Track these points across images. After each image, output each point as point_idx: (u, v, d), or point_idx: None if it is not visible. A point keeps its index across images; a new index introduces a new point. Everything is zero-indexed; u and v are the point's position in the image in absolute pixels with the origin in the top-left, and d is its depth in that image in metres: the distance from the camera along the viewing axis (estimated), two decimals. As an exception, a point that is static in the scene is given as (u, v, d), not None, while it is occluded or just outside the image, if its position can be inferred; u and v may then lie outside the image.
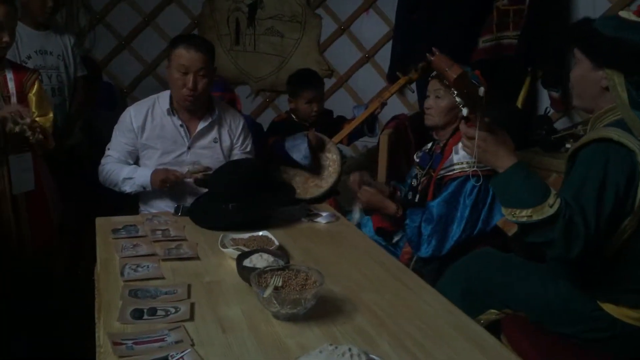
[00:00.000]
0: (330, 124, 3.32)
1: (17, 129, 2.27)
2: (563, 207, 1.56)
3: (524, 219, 1.59)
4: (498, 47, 3.52)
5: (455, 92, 1.61)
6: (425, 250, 2.36)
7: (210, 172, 2.50)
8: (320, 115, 3.28)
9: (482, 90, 1.64)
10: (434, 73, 2.48)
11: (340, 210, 2.75)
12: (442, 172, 2.40)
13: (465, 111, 1.62)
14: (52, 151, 2.60)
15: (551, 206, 1.55)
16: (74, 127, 3.23)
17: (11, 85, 2.43)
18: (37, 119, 2.42)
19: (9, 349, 2.41)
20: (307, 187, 3.08)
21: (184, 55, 2.47)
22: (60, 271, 2.65)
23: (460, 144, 2.33)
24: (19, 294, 2.45)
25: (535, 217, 1.57)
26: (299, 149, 2.99)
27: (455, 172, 2.35)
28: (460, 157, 2.34)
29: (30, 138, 2.31)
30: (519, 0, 3.43)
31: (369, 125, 3.25)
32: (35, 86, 2.51)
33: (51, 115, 2.53)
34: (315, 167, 3.09)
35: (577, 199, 1.59)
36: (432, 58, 1.69)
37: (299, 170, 3.08)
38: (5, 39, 2.36)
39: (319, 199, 3.03)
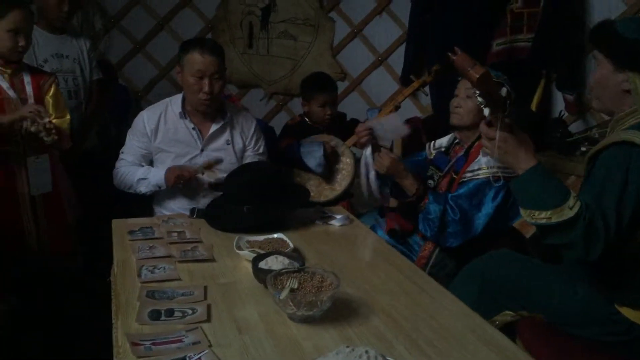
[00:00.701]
0: (343, 127, 3.32)
1: (32, 128, 2.30)
2: (583, 209, 1.55)
3: (543, 221, 1.58)
4: (512, 50, 3.52)
5: (477, 92, 1.61)
6: (445, 239, 2.34)
7: (221, 162, 2.53)
8: (333, 119, 3.28)
9: (504, 90, 1.63)
10: None
11: (353, 212, 2.75)
12: (468, 174, 2.37)
13: (486, 111, 1.62)
14: (68, 153, 2.63)
15: (571, 208, 1.55)
16: (89, 129, 3.26)
17: (28, 88, 2.47)
18: (54, 121, 2.45)
19: (25, 349, 2.43)
20: (321, 189, 3.08)
21: (199, 60, 2.48)
22: (76, 272, 2.67)
23: None
24: (36, 294, 2.48)
25: (554, 219, 1.56)
26: (314, 156, 2.99)
27: (482, 175, 2.33)
28: (488, 160, 2.31)
29: (45, 139, 2.33)
30: (533, 3, 3.43)
31: None
32: (52, 89, 2.55)
33: (68, 117, 2.57)
34: (330, 174, 3.09)
35: (597, 201, 1.58)
36: (454, 57, 1.69)
37: (312, 173, 3.09)
38: (22, 43, 2.40)
39: (332, 202, 3.03)
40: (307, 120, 3.31)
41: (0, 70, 2.43)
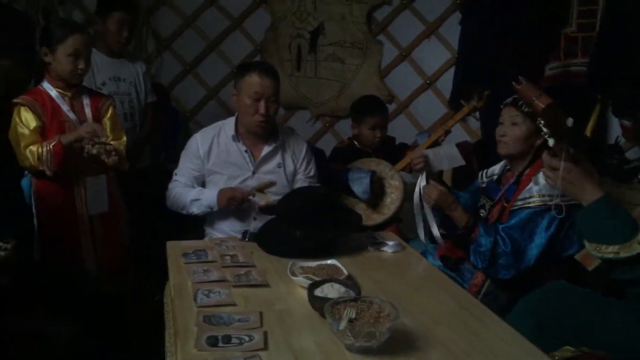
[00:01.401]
0: (392, 150, 3.30)
1: (94, 151, 2.36)
2: None
3: (611, 255, 1.53)
4: (565, 74, 3.45)
5: (542, 122, 1.57)
6: (497, 271, 2.29)
7: (274, 185, 2.55)
8: (383, 142, 3.27)
9: (570, 121, 1.59)
10: (509, 100, 2.41)
11: (402, 237, 2.72)
12: (519, 202, 2.32)
13: (551, 142, 1.58)
14: (122, 174, 2.68)
15: None
16: (143, 151, 3.32)
17: (87, 110, 2.53)
18: (111, 142, 2.51)
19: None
20: (369, 214, 3.06)
21: (257, 82, 2.52)
22: (128, 292, 2.70)
23: (540, 174, 2.27)
24: (94, 315, 2.51)
25: (622, 254, 1.51)
26: (360, 183, 2.99)
27: (534, 203, 2.27)
28: (540, 188, 2.25)
29: (106, 160, 2.39)
30: (588, 28, 3.37)
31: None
32: (110, 111, 2.61)
33: (124, 139, 2.62)
34: (375, 198, 3.07)
35: None
36: (518, 87, 1.66)
37: (359, 199, 3.08)
38: (81, 66, 2.46)
39: (380, 226, 3.01)
40: (355, 143, 3.31)
41: (61, 94, 2.50)
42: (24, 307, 1.93)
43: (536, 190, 2.29)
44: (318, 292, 1.71)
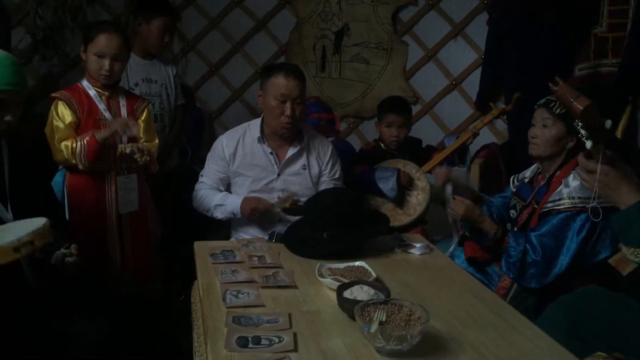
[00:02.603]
0: (419, 152, 3.28)
1: (127, 150, 2.39)
2: None
3: None
4: (596, 75, 3.40)
5: (580, 124, 1.54)
6: (529, 282, 2.27)
7: (300, 204, 2.52)
8: (407, 143, 3.25)
9: (609, 122, 1.56)
10: (542, 101, 2.39)
11: (428, 239, 2.71)
12: (549, 205, 2.30)
13: (589, 144, 1.55)
14: (151, 175, 2.71)
15: None
16: (172, 152, 3.35)
17: (123, 110, 2.57)
18: (144, 143, 2.54)
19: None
20: (395, 214, 3.05)
21: (284, 84, 2.52)
22: (156, 292, 2.73)
23: (571, 177, 2.26)
24: (117, 311, 2.54)
25: None
26: (387, 181, 2.98)
27: (564, 205, 2.25)
28: (570, 191, 2.25)
29: (139, 159, 2.41)
30: (618, 28, 3.31)
31: (460, 155, 3.20)
32: (145, 113, 2.64)
33: (156, 141, 2.66)
34: (402, 200, 3.06)
35: None
36: (555, 88, 1.63)
37: (386, 198, 3.07)
38: (106, 67, 2.47)
39: (406, 227, 2.99)
40: (381, 145, 3.30)
41: (99, 93, 2.54)
42: (51, 306, 1.95)
43: (566, 192, 2.27)
44: (347, 294, 1.70)
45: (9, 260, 1.65)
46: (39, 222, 1.73)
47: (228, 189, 2.73)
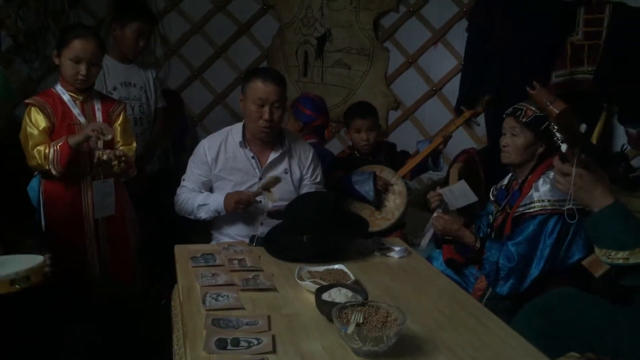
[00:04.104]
0: (394, 157, 3.32)
1: (104, 157, 2.38)
2: None
3: (620, 261, 1.55)
4: (572, 82, 3.47)
5: (556, 128, 1.58)
6: (502, 289, 2.32)
7: (280, 183, 2.55)
8: (375, 146, 3.27)
9: (584, 126, 1.60)
10: (509, 110, 2.45)
11: (407, 242, 2.74)
12: (520, 209, 2.35)
13: (564, 147, 1.59)
14: (132, 178, 2.71)
15: None
16: (152, 155, 3.35)
17: (99, 114, 2.56)
18: (121, 148, 2.53)
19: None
20: (374, 219, 3.08)
21: (261, 88, 2.54)
22: (136, 294, 2.73)
23: (540, 181, 2.31)
24: (97, 315, 2.53)
25: (632, 260, 1.52)
26: (364, 184, 3.03)
27: (535, 209, 2.30)
28: (540, 195, 2.30)
29: (116, 167, 2.41)
30: (594, 36, 3.39)
31: (434, 159, 3.24)
32: (121, 117, 2.63)
33: (134, 145, 2.65)
34: (380, 202, 3.10)
35: None
36: (532, 92, 1.67)
37: (365, 203, 3.10)
38: (82, 72, 2.45)
39: (385, 231, 3.03)
40: (356, 152, 3.32)
41: (73, 97, 2.53)
42: (31, 311, 1.94)
43: (537, 196, 2.32)
44: (325, 296, 1.72)
45: (4, 292, 1.70)
46: (37, 259, 1.81)
47: (210, 192, 2.74)
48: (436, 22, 4.28)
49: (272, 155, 2.69)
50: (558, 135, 1.62)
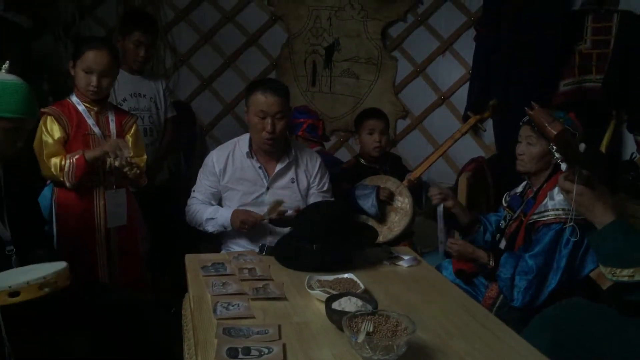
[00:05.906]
0: (399, 168, 3.33)
1: (116, 163, 2.41)
2: None
3: (625, 279, 1.54)
4: (580, 90, 3.47)
5: (555, 148, 1.60)
6: (521, 302, 2.30)
7: (288, 214, 2.55)
8: (384, 152, 3.28)
9: (582, 146, 1.62)
10: (525, 118, 2.45)
11: (416, 251, 2.74)
12: (534, 217, 2.35)
13: (564, 166, 1.60)
14: (142, 188, 2.73)
15: None
16: (162, 165, 3.37)
17: (112, 126, 2.59)
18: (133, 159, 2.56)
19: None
20: (381, 230, 3.08)
21: (262, 101, 2.56)
22: (146, 304, 2.73)
23: (556, 190, 2.31)
24: (107, 325, 2.54)
25: (637, 277, 1.51)
26: (366, 199, 3.03)
27: (549, 218, 2.30)
28: (555, 204, 2.29)
29: (128, 173, 2.44)
30: (602, 45, 3.39)
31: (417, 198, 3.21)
32: (133, 129, 2.67)
33: (145, 156, 2.69)
34: (383, 215, 3.10)
35: None
36: (530, 112, 1.69)
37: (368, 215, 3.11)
38: (93, 83, 2.49)
39: (393, 242, 3.03)
40: (361, 160, 3.33)
41: (88, 108, 2.56)
42: (42, 319, 1.95)
43: (551, 205, 2.32)
44: (335, 305, 1.73)
45: (34, 297, 1.70)
46: (60, 264, 1.83)
47: (220, 203, 2.76)
48: (444, 31, 4.29)
49: (279, 166, 2.71)
50: (557, 154, 1.63)
